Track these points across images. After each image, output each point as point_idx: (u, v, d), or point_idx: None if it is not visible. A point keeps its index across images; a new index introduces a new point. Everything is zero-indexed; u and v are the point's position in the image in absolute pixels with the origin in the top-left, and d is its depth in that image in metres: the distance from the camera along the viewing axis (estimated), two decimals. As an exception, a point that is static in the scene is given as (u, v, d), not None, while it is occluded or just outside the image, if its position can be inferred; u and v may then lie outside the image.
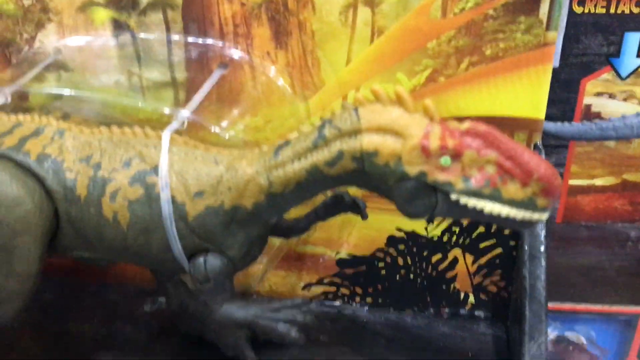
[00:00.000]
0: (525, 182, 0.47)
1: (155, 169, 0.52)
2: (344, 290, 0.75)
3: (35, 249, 0.53)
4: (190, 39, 0.62)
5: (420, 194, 0.48)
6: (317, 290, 0.75)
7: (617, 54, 0.73)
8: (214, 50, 0.63)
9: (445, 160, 0.47)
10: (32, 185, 0.53)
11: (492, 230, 0.68)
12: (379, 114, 0.48)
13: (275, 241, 0.70)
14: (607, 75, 0.75)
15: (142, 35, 0.63)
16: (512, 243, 0.68)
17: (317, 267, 0.74)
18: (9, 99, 0.60)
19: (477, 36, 0.59)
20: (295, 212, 0.62)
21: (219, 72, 0.62)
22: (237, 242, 0.54)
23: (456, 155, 0.47)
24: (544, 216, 0.48)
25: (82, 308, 0.76)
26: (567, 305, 0.71)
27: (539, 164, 0.47)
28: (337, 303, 0.75)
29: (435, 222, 0.69)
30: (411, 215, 0.50)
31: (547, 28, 0.57)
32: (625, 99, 0.77)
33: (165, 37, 0.62)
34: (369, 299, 0.75)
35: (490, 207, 0.48)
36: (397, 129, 0.47)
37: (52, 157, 0.54)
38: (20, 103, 0.64)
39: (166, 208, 0.52)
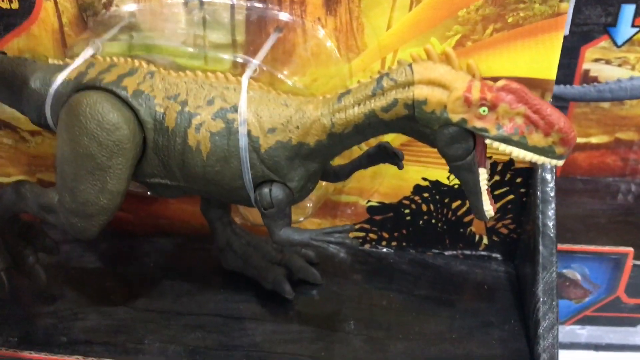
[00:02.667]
0: (548, 133, 0.57)
1: (234, 107, 0.62)
2: (372, 235, 0.84)
3: (126, 170, 0.62)
4: (251, 4, 0.71)
5: (460, 138, 0.58)
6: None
7: (614, 23, 0.83)
8: (272, 15, 0.72)
9: (484, 110, 0.57)
10: (128, 115, 0.62)
11: (506, 179, 0.78)
12: (430, 69, 0.57)
13: (318, 189, 0.79)
14: (604, 43, 0.85)
15: (208, 0, 0.71)
16: (522, 190, 0.78)
17: (349, 214, 0.83)
18: (101, 49, 0.69)
19: (501, 6, 0.68)
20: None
21: (276, 34, 0.71)
22: (297, 175, 0.63)
23: (492, 107, 0.57)
24: (561, 162, 0.58)
25: (136, 255, 0.84)
26: (565, 246, 0.81)
27: (559, 117, 0.57)
28: (366, 247, 0.85)
29: (457, 172, 0.78)
30: (451, 157, 0.60)
31: (560, 0, 0.67)
32: (619, 65, 0.88)
33: (230, 2, 0.71)
34: (394, 242, 0.84)
35: (517, 151, 0.58)
36: (444, 83, 0.57)
37: (145, 92, 0.63)
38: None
39: (243, 140, 0.61)
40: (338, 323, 0.74)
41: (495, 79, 0.59)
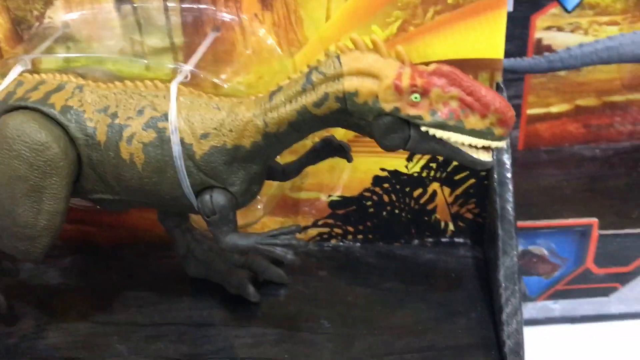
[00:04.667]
0: (484, 114, 0.55)
1: (165, 115, 0.60)
2: (337, 230, 0.83)
3: (62, 189, 0.61)
4: (185, 5, 0.69)
5: (395, 128, 0.56)
6: (313, 232, 0.83)
7: None
8: (207, 15, 0.70)
9: (415, 96, 0.55)
10: (57, 133, 0.61)
11: (466, 163, 0.76)
12: (358, 59, 0.55)
13: (270, 188, 0.77)
14: (554, 10, 0.83)
15: (141, 4, 0.69)
16: (483, 173, 0.76)
17: (310, 210, 0.82)
18: (30, 66, 0.67)
19: (439, -13, 0.66)
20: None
21: (213, 34, 0.70)
22: (238, 179, 0.61)
23: (424, 93, 0.55)
24: (502, 144, 0.56)
25: (99, 268, 0.83)
26: (528, 223, 0.79)
27: (494, 97, 0.55)
28: (332, 242, 0.83)
29: (415, 160, 0.77)
30: (388, 147, 0.58)
31: (500, -24, 0.65)
32: (572, 31, 0.86)
33: (163, 5, 0.69)
34: (360, 236, 0.83)
35: (455, 137, 0.56)
36: (374, 72, 0.55)
37: (74, 108, 0.62)
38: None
39: (176, 148, 0.60)
40: (303, 322, 0.73)
41: (441, 63, 0.57)
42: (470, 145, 0.55)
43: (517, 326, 0.65)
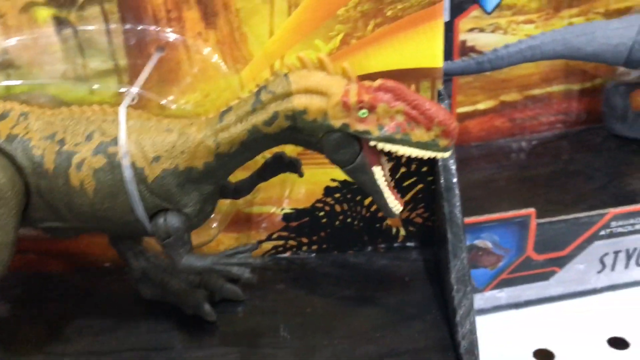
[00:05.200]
0: (429, 127, 0.57)
1: (115, 140, 0.60)
2: (291, 242, 0.83)
3: (10, 220, 0.60)
4: (128, 27, 0.69)
5: (345, 143, 0.58)
6: (268, 245, 0.83)
7: None
8: (151, 35, 0.69)
9: (363, 112, 0.56)
10: (3, 162, 0.59)
11: (412, 169, 0.78)
12: (306, 77, 0.57)
13: (223, 205, 0.78)
14: (475, 12, 0.87)
15: (82, 28, 0.69)
16: (430, 178, 0.79)
17: (264, 224, 0.82)
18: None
19: (378, 0, 0.68)
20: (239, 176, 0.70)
21: (158, 54, 0.69)
22: (191, 200, 0.61)
23: (371, 108, 0.56)
24: (447, 154, 0.59)
25: (51, 296, 0.81)
26: (472, 219, 0.82)
27: (438, 110, 0.57)
28: (287, 254, 0.84)
29: (364, 169, 0.78)
30: (340, 162, 0.59)
31: (436, -12, 0.67)
32: (492, 31, 0.91)
33: (104, 27, 0.68)
34: (314, 247, 0.84)
35: (403, 149, 0.57)
36: (322, 89, 0.56)
37: (19, 136, 0.60)
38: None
39: (127, 173, 0.59)
40: (262, 338, 0.73)
41: (383, 74, 0.59)
42: (416, 158, 0.57)
43: (470, 327, 0.67)
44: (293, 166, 0.66)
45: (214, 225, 0.77)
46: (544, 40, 0.90)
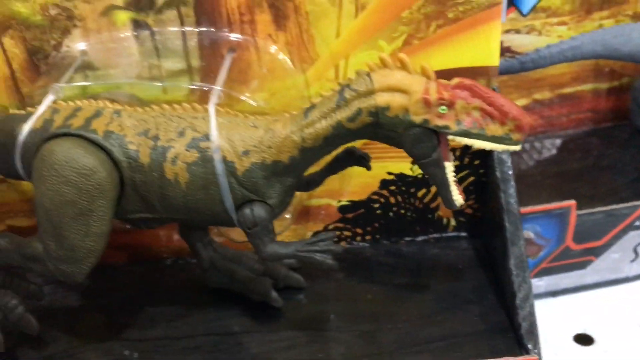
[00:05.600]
0: (503, 122, 0.61)
1: (206, 136, 0.64)
2: (346, 233, 0.87)
3: (108, 211, 0.63)
4: (202, 29, 0.73)
5: (424, 138, 0.62)
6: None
7: None
8: (223, 37, 0.73)
9: (443, 109, 0.60)
10: (102, 157, 0.63)
11: (465, 162, 0.82)
12: (388, 76, 0.61)
13: (295, 198, 0.81)
14: (512, 14, 0.93)
15: (159, 30, 0.72)
16: (481, 171, 0.83)
17: (321, 216, 0.86)
18: (62, 94, 0.69)
19: (440, 3, 0.72)
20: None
21: (230, 55, 0.73)
22: (275, 192, 0.65)
23: (451, 104, 0.61)
24: (519, 147, 0.63)
25: (118, 287, 0.85)
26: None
27: (511, 106, 0.61)
28: (342, 244, 0.88)
29: (419, 162, 0.82)
30: (418, 156, 0.63)
31: (495, -9, 0.71)
32: (527, 32, 0.96)
33: (180, 29, 0.72)
34: (368, 237, 0.88)
35: (478, 143, 0.62)
36: (403, 87, 0.60)
37: (115, 132, 0.64)
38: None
39: (219, 166, 0.63)
40: (328, 322, 0.77)
41: (442, 72, 0.63)
42: (491, 151, 0.61)
43: (530, 309, 0.72)
44: (363, 160, 0.70)
45: (288, 216, 0.81)
46: (584, 40, 0.95)
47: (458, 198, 0.64)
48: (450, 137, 0.61)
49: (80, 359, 0.74)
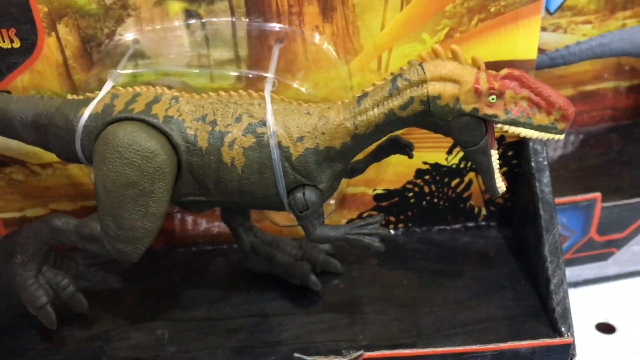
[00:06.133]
0: (549, 112, 0.64)
1: (262, 122, 0.66)
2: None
3: (167, 193, 0.66)
4: (251, 20, 0.75)
5: (473, 126, 0.64)
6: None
7: None
8: (270, 28, 0.76)
9: (492, 98, 0.63)
10: (162, 141, 0.65)
11: (499, 153, 0.85)
12: (439, 66, 0.63)
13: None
14: None
15: (209, 19, 0.75)
16: (514, 162, 0.86)
17: (357, 203, 0.89)
18: (120, 80, 0.71)
19: (483, -2, 0.75)
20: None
21: (278, 45, 0.76)
22: (326, 177, 0.68)
23: (500, 94, 0.63)
24: (562, 136, 0.65)
25: (158, 270, 0.87)
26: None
27: (558, 97, 0.64)
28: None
29: (454, 153, 0.85)
30: (466, 143, 0.66)
31: (536, -13, 0.74)
32: (553, 30, 1.00)
33: (230, 20, 0.75)
34: (400, 225, 0.90)
35: (525, 131, 0.64)
36: (454, 77, 0.63)
37: (174, 117, 0.66)
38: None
39: (274, 151, 0.66)
40: (366, 306, 0.80)
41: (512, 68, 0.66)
42: (537, 139, 0.64)
43: (563, 294, 0.75)
44: (407, 148, 0.73)
45: (332, 202, 0.83)
46: (612, 38, 0.98)
47: (501, 185, 0.67)
48: (498, 125, 0.64)
49: (124, 338, 0.76)
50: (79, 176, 0.84)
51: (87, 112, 0.68)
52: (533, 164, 0.79)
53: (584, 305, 0.96)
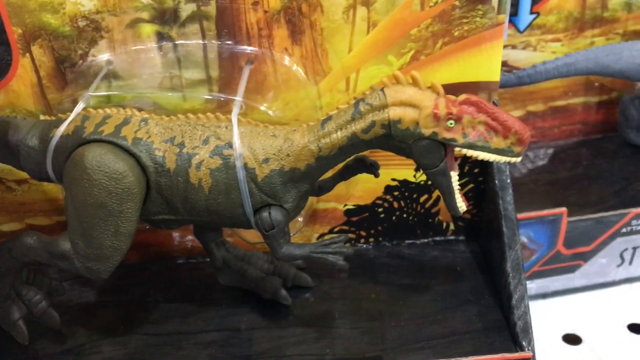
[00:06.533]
0: (506, 136, 0.66)
1: (229, 144, 0.68)
2: (350, 235, 0.92)
3: (135, 213, 0.67)
4: (222, 42, 0.77)
5: (433, 149, 0.66)
6: (329, 238, 0.92)
7: (516, 13, 0.97)
8: (241, 50, 0.78)
9: (451, 122, 0.65)
10: (131, 162, 0.67)
11: (465, 170, 0.87)
12: (400, 92, 0.65)
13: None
14: (509, 31, 0.99)
15: (181, 42, 0.77)
16: (480, 179, 0.88)
17: (328, 219, 0.91)
18: (90, 102, 0.73)
19: (447, 22, 0.77)
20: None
21: (248, 67, 0.78)
22: (291, 197, 0.70)
23: (458, 119, 0.65)
24: (519, 159, 0.68)
25: (133, 283, 0.89)
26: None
27: (514, 122, 0.66)
28: (346, 246, 0.92)
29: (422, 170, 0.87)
30: (426, 166, 0.68)
31: (498, 12, 0.76)
32: (523, 48, 1.02)
33: (202, 42, 0.77)
34: (371, 239, 0.93)
35: (482, 155, 0.66)
36: (414, 102, 0.65)
37: (143, 139, 0.68)
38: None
39: (241, 173, 0.68)
40: (334, 320, 0.82)
41: (446, 86, 0.68)
42: (494, 162, 0.66)
43: (525, 309, 0.77)
44: (373, 167, 0.75)
45: (300, 219, 0.85)
46: (578, 58, 1.00)
47: (462, 205, 0.69)
48: (457, 149, 0.66)
49: (96, 352, 0.78)
50: (54, 192, 0.85)
51: (58, 133, 0.69)
52: (497, 182, 0.82)
53: (551, 316, 0.99)
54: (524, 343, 0.75)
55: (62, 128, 0.70)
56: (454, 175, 0.68)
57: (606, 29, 1.07)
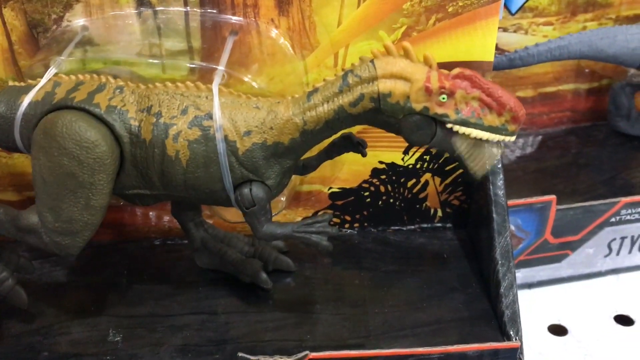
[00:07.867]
0: (500, 113, 0.63)
1: (209, 115, 0.64)
2: (335, 219, 0.89)
3: (107, 185, 0.64)
4: (204, 11, 0.73)
5: (423, 125, 0.63)
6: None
7: None
8: (225, 20, 0.74)
9: (443, 97, 0.62)
10: (104, 131, 0.63)
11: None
12: (391, 64, 0.62)
13: (290, 182, 0.82)
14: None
15: (162, 9, 0.73)
16: (470, 164, 0.85)
17: (312, 201, 0.87)
18: (63, 67, 0.69)
19: (441, -3, 0.74)
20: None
21: (232, 38, 0.74)
22: (274, 173, 0.66)
23: (451, 93, 0.62)
24: (513, 138, 0.65)
25: (106, 264, 0.85)
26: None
27: (509, 98, 0.63)
28: (330, 230, 0.89)
29: (410, 153, 0.84)
30: (416, 142, 0.65)
31: (494, -12, 0.73)
32: (515, 31, 1.00)
33: (183, 10, 0.73)
34: (356, 224, 0.89)
35: (475, 132, 0.63)
36: (405, 75, 0.62)
37: (118, 107, 0.64)
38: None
39: (221, 145, 0.64)
40: (317, 305, 0.79)
41: (438, 65, 0.65)
42: (487, 140, 0.63)
43: (513, 298, 0.74)
44: (360, 146, 0.72)
45: (283, 199, 0.82)
46: (571, 41, 0.98)
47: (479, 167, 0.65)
48: (449, 125, 0.63)
49: (66, 333, 0.74)
50: (25, 166, 0.81)
51: (27, 100, 0.65)
52: (487, 167, 0.79)
53: (537, 306, 0.96)
54: (511, 332, 0.72)
55: (32, 94, 0.66)
56: (467, 129, 0.63)
57: (599, 14, 1.04)
